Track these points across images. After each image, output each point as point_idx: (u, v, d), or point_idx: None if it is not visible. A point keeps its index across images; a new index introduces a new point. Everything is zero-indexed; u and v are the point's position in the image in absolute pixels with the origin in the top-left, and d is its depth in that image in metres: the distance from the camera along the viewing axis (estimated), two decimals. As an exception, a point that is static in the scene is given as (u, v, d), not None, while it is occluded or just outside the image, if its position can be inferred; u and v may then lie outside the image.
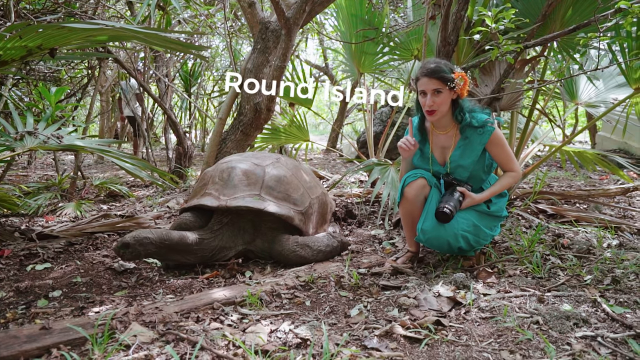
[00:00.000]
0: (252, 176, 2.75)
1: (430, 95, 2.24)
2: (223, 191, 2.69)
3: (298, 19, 3.48)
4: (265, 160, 2.91)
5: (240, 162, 2.86)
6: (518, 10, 2.88)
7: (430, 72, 2.24)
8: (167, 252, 2.46)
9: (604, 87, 3.84)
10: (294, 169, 2.99)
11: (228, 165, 2.84)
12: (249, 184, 2.72)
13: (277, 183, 2.76)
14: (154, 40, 2.37)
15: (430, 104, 2.25)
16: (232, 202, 2.60)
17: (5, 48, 1.97)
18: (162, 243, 2.40)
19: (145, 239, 2.35)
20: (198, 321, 1.84)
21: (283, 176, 2.82)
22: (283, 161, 3.01)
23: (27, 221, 3.55)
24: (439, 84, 2.23)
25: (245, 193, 2.67)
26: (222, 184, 2.73)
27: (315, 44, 11.76)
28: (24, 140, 2.92)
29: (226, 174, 2.77)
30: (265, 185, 2.72)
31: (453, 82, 2.22)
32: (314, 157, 9.46)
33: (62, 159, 8.26)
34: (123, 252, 2.32)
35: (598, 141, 8.08)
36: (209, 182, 2.80)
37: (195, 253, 2.56)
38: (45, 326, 1.70)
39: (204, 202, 2.65)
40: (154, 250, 2.39)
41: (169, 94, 5.96)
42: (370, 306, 1.98)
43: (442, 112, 2.29)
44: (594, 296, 1.93)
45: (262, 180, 2.74)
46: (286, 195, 2.75)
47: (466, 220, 2.30)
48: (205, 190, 2.77)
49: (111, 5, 5.38)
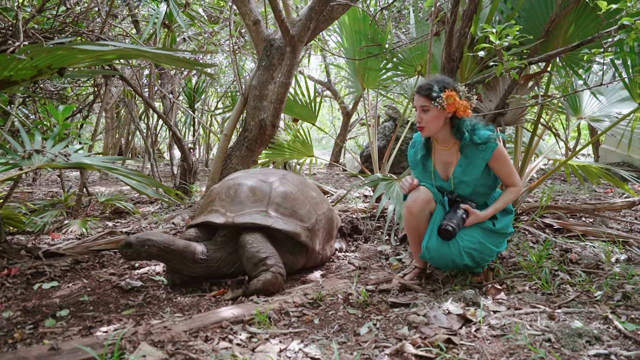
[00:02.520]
0: (258, 192, 2.76)
1: (418, 111, 2.32)
2: (230, 208, 2.69)
3: (303, 36, 3.52)
4: (271, 177, 2.91)
5: (246, 178, 2.87)
6: (521, 26, 2.90)
7: (418, 88, 2.33)
8: (170, 258, 2.46)
9: (607, 102, 3.86)
10: (300, 185, 2.99)
11: (235, 182, 2.84)
12: (255, 200, 2.72)
13: (283, 199, 2.76)
14: (161, 58, 2.40)
15: (418, 120, 2.33)
16: (239, 219, 2.61)
17: (17, 69, 1.99)
18: (165, 247, 2.40)
19: (148, 240, 2.36)
20: (207, 340, 1.83)
21: (290, 192, 2.81)
22: (289, 177, 3.01)
23: (33, 239, 3.55)
24: (425, 101, 2.28)
25: (252, 210, 2.67)
26: (229, 201, 2.73)
27: (318, 59, 11.87)
28: (31, 158, 2.93)
29: (233, 191, 2.77)
30: (272, 202, 2.72)
31: (437, 100, 2.24)
32: (318, 172, 9.48)
33: (67, 175, 8.29)
34: (125, 251, 2.34)
35: (601, 154, 8.08)
36: (216, 199, 2.80)
37: (200, 263, 2.55)
38: (54, 347, 1.69)
39: (211, 218, 2.66)
40: (156, 252, 2.39)
41: (174, 111, 6.00)
42: (380, 324, 1.96)
43: (431, 129, 2.33)
44: (605, 313, 1.92)
45: (269, 197, 2.74)
46: (293, 212, 2.75)
47: (471, 238, 2.30)
48: (212, 207, 2.77)
49: (117, 23, 5.45)
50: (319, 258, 2.91)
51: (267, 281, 2.38)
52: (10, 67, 1.99)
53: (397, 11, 5.68)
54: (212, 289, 2.58)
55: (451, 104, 2.24)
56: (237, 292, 2.43)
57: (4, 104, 3.67)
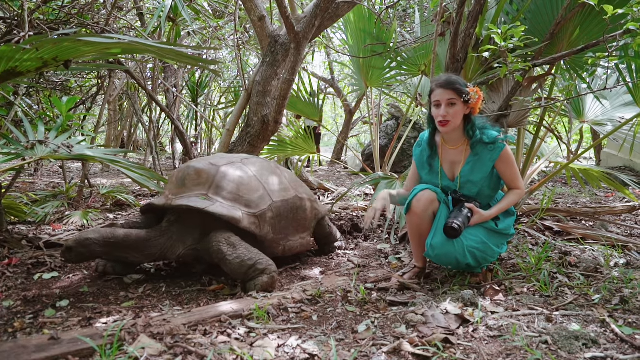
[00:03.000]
0: (203, 176, 2.64)
1: (445, 105, 2.28)
2: (173, 191, 2.63)
3: (307, 33, 3.52)
4: (226, 161, 2.78)
5: (199, 162, 2.76)
6: (526, 28, 2.90)
7: (445, 83, 2.30)
8: (114, 251, 2.41)
9: (611, 106, 3.86)
10: (260, 170, 2.83)
11: (186, 165, 2.75)
12: (199, 183, 2.62)
13: (228, 183, 2.62)
14: (167, 54, 2.40)
15: (444, 113, 2.28)
16: (176, 201, 2.52)
17: (22, 60, 2.00)
18: (106, 242, 2.35)
19: (87, 240, 2.30)
20: (205, 334, 1.84)
21: (238, 176, 2.67)
22: (250, 162, 2.87)
23: (34, 229, 3.57)
24: (453, 95, 2.26)
25: (193, 193, 2.57)
26: (175, 184, 2.67)
27: (322, 57, 11.85)
28: (34, 149, 2.94)
29: (181, 174, 2.68)
30: (215, 185, 2.60)
31: (467, 95, 2.25)
32: (319, 169, 9.48)
33: (68, 166, 8.31)
34: (68, 257, 2.30)
35: (603, 158, 8.08)
36: (168, 183, 2.77)
37: (143, 250, 2.48)
38: (53, 336, 1.70)
39: (154, 201, 2.61)
40: (99, 249, 2.35)
41: (177, 105, 6.01)
42: (378, 322, 1.97)
43: (454, 124, 2.31)
44: (602, 316, 1.93)
45: (213, 180, 2.61)
46: (237, 196, 2.60)
47: (475, 237, 2.31)
48: (163, 191, 2.76)
49: (122, 16, 5.45)
50: (278, 249, 2.75)
51: (264, 284, 2.35)
52: (16, 57, 2.00)
53: (403, 10, 5.67)
54: (211, 283, 2.59)
55: (477, 99, 2.26)
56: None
57: (9, 94, 3.68)
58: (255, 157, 3.10)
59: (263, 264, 2.38)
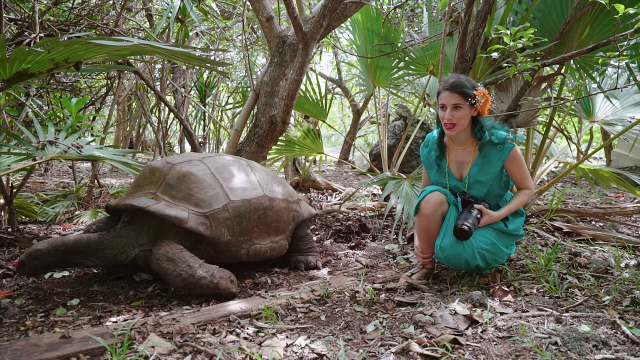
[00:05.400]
0: (156, 174, 2.55)
1: (450, 109, 2.28)
2: (130, 190, 2.58)
3: (315, 33, 3.52)
4: (184, 158, 2.66)
5: (158, 161, 2.68)
6: (535, 28, 2.89)
7: (451, 86, 2.28)
8: (68, 258, 2.34)
9: (621, 106, 3.82)
10: (223, 168, 2.66)
11: (146, 165, 2.70)
12: (150, 182, 2.53)
13: (178, 181, 2.49)
14: (176, 55, 2.42)
15: (449, 117, 2.28)
16: (124, 201, 2.45)
17: (34, 61, 2.02)
18: (57, 250, 2.29)
19: (37, 251, 2.25)
20: (214, 333, 1.86)
21: (191, 174, 2.52)
22: (213, 159, 2.71)
23: (44, 229, 3.60)
24: (459, 99, 2.25)
25: (143, 192, 2.49)
26: (133, 184, 2.62)
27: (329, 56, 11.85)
28: (45, 149, 2.97)
29: (140, 174, 2.64)
30: (164, 184, 2.48)
31: (474, 98, 2.24)
32: (326, 169, 9.49)
33: (78, 166, 8.37)
34: (23, 271, 2.28)
35: (613, 158, 8.01)
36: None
37: (95, 254, 2.38)
38: (65, 335, 1.72)
39: (110, 202, 2.58)
40: (52, 259, 2.29)
41: (185, 105, 6.04)
42: (386, 322, 1.97)
43: (461, 127, 2.31)
44: (613, 318, 1.91)
45: (164, 179, 2.51)
46: (187, 195, 2.45)
47: (484, 238, 2.30)
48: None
49: (131, 17, 5.49)
50: (240, 253, 2.56)
51: (210, 291, 2.24)
52: (28, 59, 2.02)
53: (410, 10, 5.66)
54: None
55: (484, 103, 2.25)
56: None
57: (20, 95, 3.72)
58: (226, 155, 2.95)
59: (207, 278, 2.23)
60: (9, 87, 2.37)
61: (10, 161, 3.14)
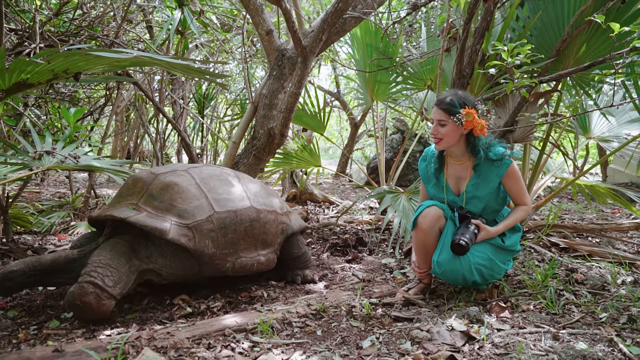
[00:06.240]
0: (139, 184, 2.50)
1: (435, 124, 2.32)
2: (113, 201, 2.53)
3: (314, 47, 3.55)
4: (169, 169, 2.61)
5: (142, 171, 2.63)
6: (532, 45, 2.92)
7: (438, 102, 2.34)
8: (46, 278, 2.30)
9: (617, 123, 3.85)
10: (208, 178, 2.58)
11: (130, 176, 2.66)
12: (133, 192, 2.47)
13: (161, 191, 2.42)
14: (175, 67, 2.43)
15: (434, 132, 2.33)
16: (105, 212, 2.39)
17: (34, 72, 2.03)
18: (33, 271, 2.24)
19: (11, 272, 2.21)
20: (209, 348, 1.84)
21: (174, 184, 2.45)
22: (199, 169, 2.64)
23: (39, 239, 3.58)
24: (443, 115, 2.29)
25: (125, 202, 2.43)
26: (117, 195, 2.57)
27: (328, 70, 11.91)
28: (42, 159, 2.97)
29: (124, 184, 2.60)
30: (147, 194, 2.42)
31: (456, 116, 2.25)
32: (324, 182, 9.48)
33: (74, 176, 8.34)
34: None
35: (609, 174, 8.04)
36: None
37: (75, 271, 2.28)
38: (57, 348, 1.70)
39: (92, 213, 2.50)
40: (27, 280, 2.25)
41: (184, 117, 6.05)
42: (383, 338, 1.96)
43: (447, 142, 2.33)
44: (610, 335, 1.90)
45: (147, 189, 2.45)
46: (170, 205, 2.38)
47: (482, 254, 2.30)
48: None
49: (131, 29, 5.52)
50: (225, 266, 2.46)
51: (70, 294, 2.06)
52: (28, 70, 2.03)
53: (409, 25, 5.71)
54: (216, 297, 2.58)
55: (469, 121, 2.25)
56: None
57: (18, 105, 3.72)
58: (212, 165, 2.86)
59: (88, 268, 2.13)
60: (8, 97, 2.37)
61: (6, 171, 3.13)
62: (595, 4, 2.94)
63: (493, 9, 2.91)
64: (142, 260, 2.33)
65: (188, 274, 2.44)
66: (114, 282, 2.13)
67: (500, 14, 3.47)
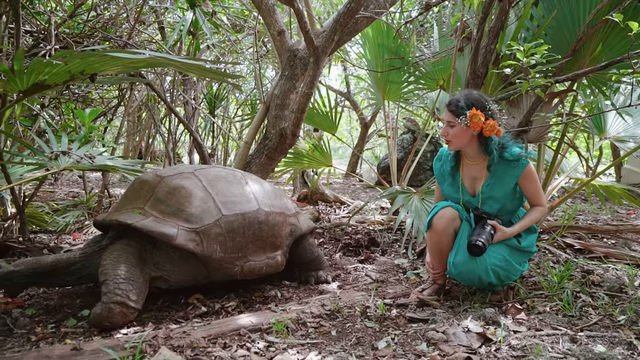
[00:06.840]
0: (145, 188, 2.45)
1: (445, 125, 2.34)
2: (118, 204, 2.49)
3: (327, 47, 3.55)
4: (175, 171, 2.56)
5: (147, 173, 2.58)
6: (547, 44, 2.90)
7: (448, 102, 2.34)
8: (47, 278, 2.32)
9: (633, 122, 3.81)
10: (215, 180, 2.52)
11: (136, 177, 2.63)
12: (139, 196, 2.43)
13: (168, 195, 2.37)
14: (190, 68, 2.44)
15: (444, 133, 2.34)
16: (110, 216, 2.36)
17: (51, 73, 2.05)
18: (33, 272, 2.27)
19: (11, 273, 2.24)
20: (225, 347, 1.84)
21: (181, 187, 2.40)
22: (205, 171, 2.58)
23: (55, 238, 3.62)
24: (450, 117, 2.31)
25: (131, 206, 2.39)
26: (123, 197, 2.53)
27: (338, 70, 11.91)
28: (58, 159, 2.99)
29: (130, 187, 2.56)
30: (154, 198, 2.38)
31: (462, 118, 2.24)
32: (334, 182, 9.49)
33: (88, 176, 8.43)
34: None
35: (624, 174, 7.95)
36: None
37: (74, 274, 2.33)
38: (76, 347, 1.72)
39: (97, 217, 2.48)
40: (26, 281, 2.29)
41: (196, 117, 6.08)
42: (398, 339, 1.95)
43: (457, 144, 2.33)
44: (629, 338, 1.88)
45: (153, 192, 2.40)
46: (177, 210, 2.33)
47: (498, 255, 2.28)
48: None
49: (143, 29, 5.56)
50: (233, 270, 2.42)
51: (97, 316, 2.03)
52: (45, 71, 2.05)
53: (420, 25, 5.69)
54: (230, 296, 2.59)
55: (476, 123, 2.23)
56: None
57: (33, 105, 3.76)
58: (219, 166, 2.83)
59: (110, 286, 2.09)
60: (25, 98, 2.40)
61: (23, 171, 3.17)
62: (611, 3, 2.90)
63: (508, 8, 2.89)
64: (150, 268, 2.31)
65: (196, 279, 2.42)
66: (137, 296, 2.12)
67: (515, 13, 3.45)
